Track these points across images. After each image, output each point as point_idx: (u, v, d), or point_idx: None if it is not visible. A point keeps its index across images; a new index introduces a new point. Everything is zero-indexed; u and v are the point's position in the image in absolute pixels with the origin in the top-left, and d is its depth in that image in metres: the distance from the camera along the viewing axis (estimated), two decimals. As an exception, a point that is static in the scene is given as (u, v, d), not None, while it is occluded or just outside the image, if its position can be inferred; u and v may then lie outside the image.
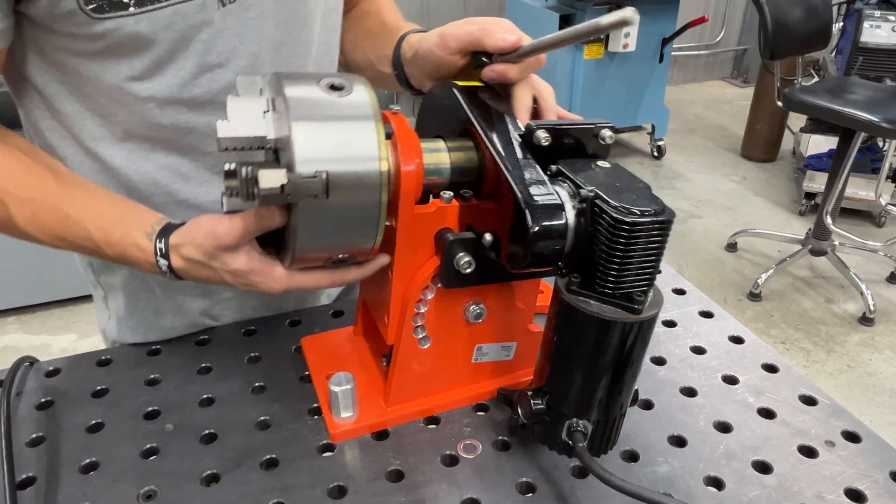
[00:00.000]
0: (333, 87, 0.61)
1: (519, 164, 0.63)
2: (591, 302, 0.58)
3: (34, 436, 0.74)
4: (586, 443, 0.63)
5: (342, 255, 0.66)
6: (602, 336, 0.59)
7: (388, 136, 0.64)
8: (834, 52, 3.52)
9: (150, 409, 0.78)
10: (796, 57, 2.88)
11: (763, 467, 0.70)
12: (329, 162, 0.58)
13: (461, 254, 0.65)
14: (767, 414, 0.76)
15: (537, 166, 0.63)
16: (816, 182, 3.44)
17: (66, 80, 0.75)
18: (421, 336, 0.72)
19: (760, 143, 4.19)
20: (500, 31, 0.69)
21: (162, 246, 0.70)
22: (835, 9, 3.13)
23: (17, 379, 0.81)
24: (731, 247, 3.35)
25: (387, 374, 0.76)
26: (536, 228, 0.57)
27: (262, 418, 0.76)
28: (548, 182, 0.61)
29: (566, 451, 0.66)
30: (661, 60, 3.90)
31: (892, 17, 3.10)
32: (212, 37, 0.73)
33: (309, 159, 0.57)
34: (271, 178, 0.56)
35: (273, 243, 0.70)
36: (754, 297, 2.98)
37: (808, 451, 0.71)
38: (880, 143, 3.32)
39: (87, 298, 2.89)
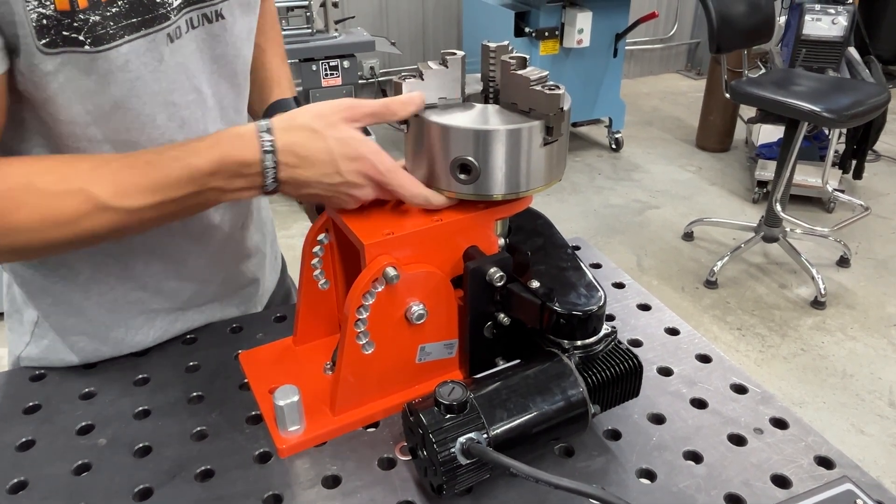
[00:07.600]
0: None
1: None
2: None
3: (-39, 457, 0.72)
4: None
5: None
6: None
7: None
8: (780, 45, 3.60)
9: (84, 423, 0.77)
10: (742, 50, 2.94)
11: (694, 457, 0.71)
12: None
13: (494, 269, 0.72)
14: (699, 404, 0.78)
15: None
16: (768, 170, 3.52)
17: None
18: (364, 342, 0.72)
19: (714, 134, 4.27)
20: None
21: (264, 123, 0.69)
22: (778, 2, 3.21)
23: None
24: (688, 236, 3.41)
25: (331, 382, 0.76)
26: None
27: (199, 429, 0.75)
28: None
29: None
30: (615, 55, 3.95)
31: (832, 10, 3.18)
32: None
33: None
34: (567, 100, 0.70)
35: None
36: (711, 284, 3.04)
37: (738, 440, 0.73)
38: (826, 132, 3.41)
39: None
